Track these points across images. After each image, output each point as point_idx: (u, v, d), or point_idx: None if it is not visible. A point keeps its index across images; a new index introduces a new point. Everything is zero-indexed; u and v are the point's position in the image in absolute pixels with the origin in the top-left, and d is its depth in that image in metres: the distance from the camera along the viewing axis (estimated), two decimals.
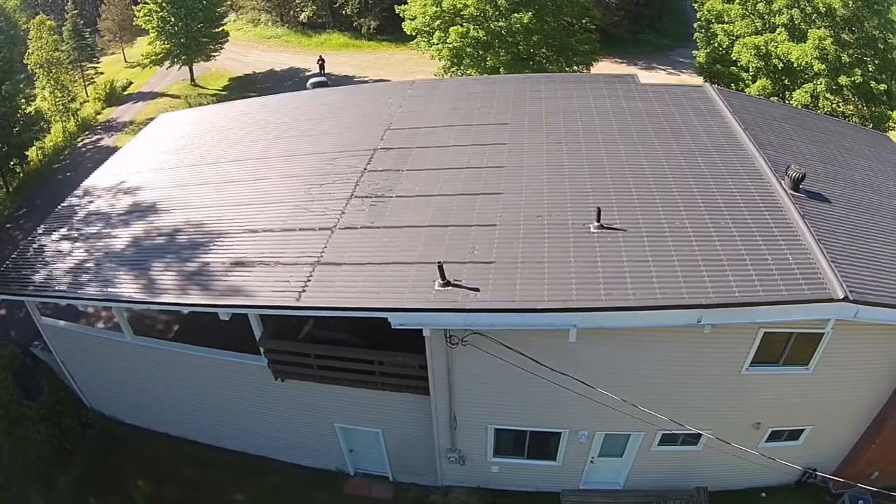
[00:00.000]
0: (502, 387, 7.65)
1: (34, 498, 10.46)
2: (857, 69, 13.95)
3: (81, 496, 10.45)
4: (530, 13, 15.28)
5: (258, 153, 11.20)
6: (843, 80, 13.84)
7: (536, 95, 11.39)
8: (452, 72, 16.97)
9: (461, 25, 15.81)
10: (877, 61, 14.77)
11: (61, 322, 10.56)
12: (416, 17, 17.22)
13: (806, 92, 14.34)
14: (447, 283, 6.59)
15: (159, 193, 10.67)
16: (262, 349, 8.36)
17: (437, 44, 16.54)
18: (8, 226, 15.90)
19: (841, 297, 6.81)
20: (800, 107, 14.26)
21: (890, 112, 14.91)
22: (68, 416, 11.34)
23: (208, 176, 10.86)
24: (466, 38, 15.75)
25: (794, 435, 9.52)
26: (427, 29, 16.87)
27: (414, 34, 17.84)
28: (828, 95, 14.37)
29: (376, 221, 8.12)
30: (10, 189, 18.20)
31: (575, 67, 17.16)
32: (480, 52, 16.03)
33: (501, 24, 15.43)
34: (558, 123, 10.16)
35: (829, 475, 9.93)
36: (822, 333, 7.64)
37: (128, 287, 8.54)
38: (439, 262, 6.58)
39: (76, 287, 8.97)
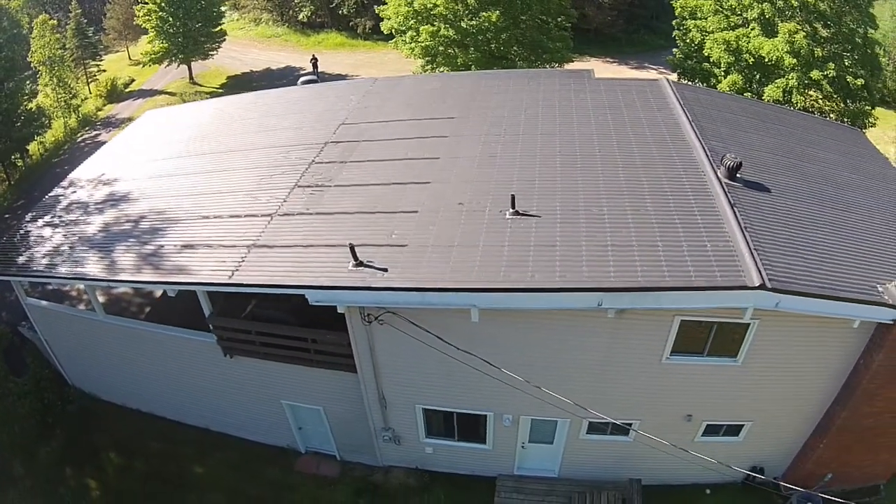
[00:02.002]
0: (422, 367, 8.40)
1: (17, 468, 11.63)
2: (830, 63, 14.13)
3: (60, 467, 11.62)
4: (498, 11, 15.96)
5: (224, 146, 12.26)
6: (815, 74, 14.06)
7: (489, 90, 12.13)
8: (429, 70, 17.81)
9: (432, 24, 16.63)
10: (855, 56, 14.92)
11: (44, 302, 11.77)
12: (390, 17, 18.12)
13: (778, 87, 14.60)
14: (359, 264, 7.42)
15: (132, 184, 11.82)
16: (211, 326, 9.31)
17: (410, 43, 17.40)
18: (7, 216, 17.42)
19: (757, 284, 6.89)
20: (771, 102, 14.54)
21: (867, 107, 15.01)
22: (51, 392, 12.54)
23: (176, 168, 11.97)
24: (438, 37, 16.55)
25: (734, 430, 9.65)
26: (403, 28, 17.75)
27: (391, 33, 18.73)
28: (802, 90, 14.59)
29: (311, 208, 9.03)
30: (12, 182, 19.77)
31: (547, 65, 17.74)
32: (452, 51, 16.80)
33: (473, 22, 16.15)
34: (502, 116, 10.89)
35: (780, 475, 10.09)
36: (748, 324, 7.75)
37: (93, 267, 9.66)
38: (350, 244, 7.41)
39: (51, 267, 10.16)
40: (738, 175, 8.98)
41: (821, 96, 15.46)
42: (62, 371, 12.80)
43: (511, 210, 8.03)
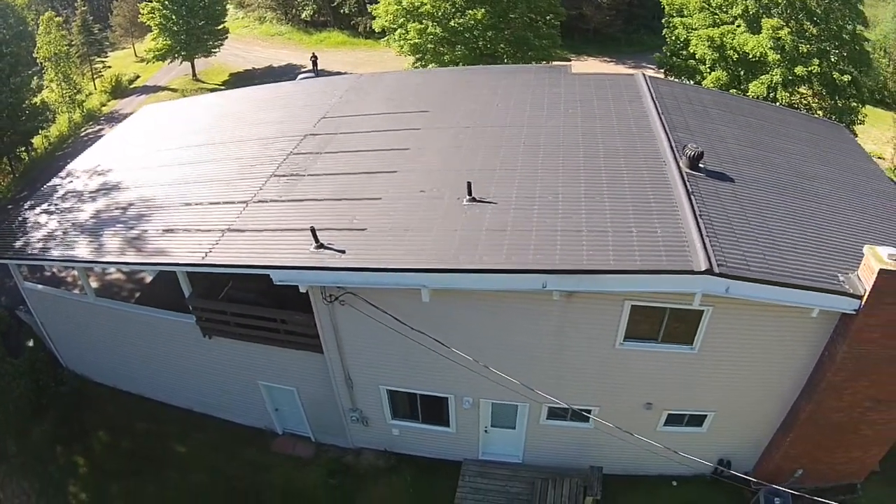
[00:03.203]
0: (382, 348, 9.03)
1: (10, 446, 12.50)
2: (815, 59, 14.46)
3: (51, 446, 12.47)
4: (483, 9, 16.64)
5: (212, 139, 13.11)
6: (799, 69, 14.40)
7: (467, 85, 12.80)
8: (419, 66, 18.56)
9: (420, 22, 17.38)
10: (844, 53, 15.20)
11: (40, 286, 12.68)
12: (381, 16, 18.93)
13: (762, 83, 14.96)
14: (320, 246, 8.11)
15: (124, 175, 12.72)
16: (190, 307, 10.08)
17: (400, 40, 18.18)
18: (10, 207, 18.49)
19: (703, 268, 7.11)
20: (755, 98, 14.90)
21: (853, 104, 15.25)
22: (45, 373, 13.43)
23: (166, 159, 12.84)
24: (426, 35, 17.28)
25: (697, 421, 9.79)
26: (393, 26, 18.55)
27: (382, 31, 19.52)
28: (789, 87, 14.92)
29: (284, 196, 9.76)
30: (17, 175, 20.97)
31: (533, 62, 18.31)
32: (440, 48, 17.52)
33: (460, 21, 16.85)
34: (475, 110, 11.53)
35: (750, 470, 10.07)
36: (702, 311, 7.96)
37: (82, 250, 10.51)
38: (312, 228, 8.10)
39: (45, 251, 11.05)
40: (700, 165, 9.29)
41: (810, 93, 15.76)
42: (56, 354, 13.72)
43: (468, 197, 8.64)
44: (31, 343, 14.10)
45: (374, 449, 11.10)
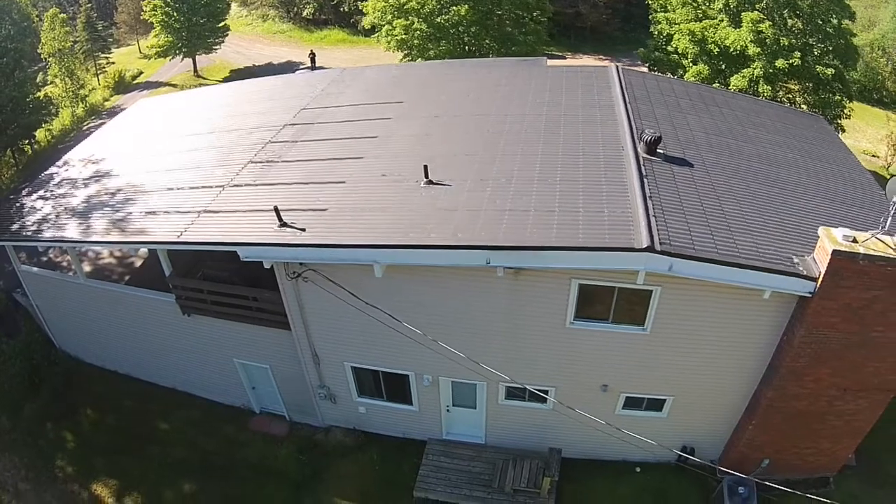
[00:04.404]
0: (344, 324, 9.72)
1: (3, 421, 13.43)
2: (796, 52, 14.88)
3: (42, 422, 13.39)
4: (467, 6, 17.43)
5: (198, 130, 14.01)
6: (780, 63, 14.83)
7: (444, 78, 13.57)
8: (407, 62, 19.37)
9: (406, 18, 18.23)
10: (829, 47, 15.59)
11: (35, 269, 13.67)
12: (370, 13, 19.85)
13: (744, 77, 15.43)
14: (283, 224, 8.89)
15: (115, 163, 13.70)
16: (170, 285, 10.92)
17: (387, 36, 19.06)
18: (11, 197, 19.64)
19: (644, 245, 7.42)
20: (736, 91, 15.34)
21: (838, 97, 15.58)
22: (39, 354, 14.36)
23: (155, 148, 13.79)
24: (412, 31, 18.12)
25: (656, 405, 10.08)
26: (381, 23, 19.44)
27: (371, 28, 20.42)
28: (772, 80, 15.35)
29: (257, 181, 10.60)
30: (20, 167, 22.21)
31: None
32: (426, 44, 18.33)
33: (445, 17, 17.65)
34: (446, 100, 12.28)
35: (716, 459, 10.26)
36: (650, 291, 8.26)
37: (72, 231, 11.41)
38: (275, 207, 8.89)
39: (38, 233, 11.98)
40: (658, 150, 9.65)
41: (797, 87, 16.15)
42: (51, 335, 14.70)
43: (425, 180, 9.35)
44: (25, 324, 15.10)
45: (343, 427, 11.83)
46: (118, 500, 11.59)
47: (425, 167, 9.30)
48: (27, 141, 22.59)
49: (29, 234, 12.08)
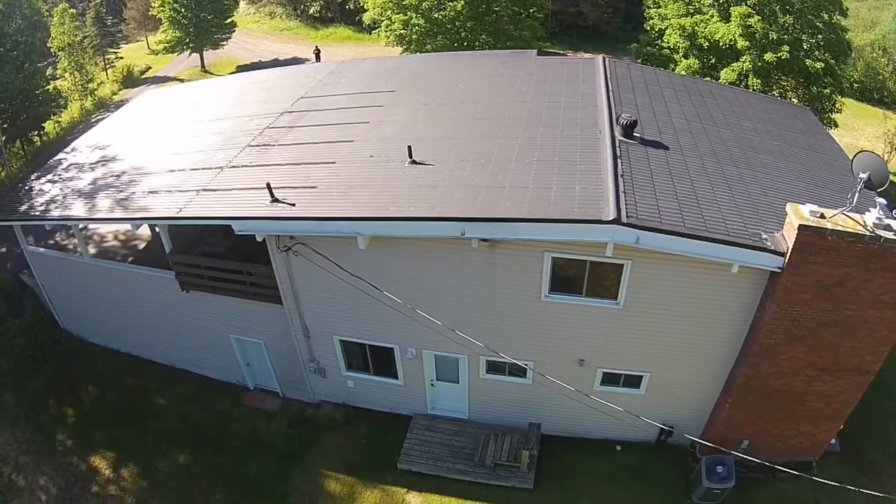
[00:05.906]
0: (333, 297, 10.47)
1: (7, 398, 14.31)
2: (784, 46, 15.48)
3: (44, 398, 14.25)
4: (463, 2, 18.30)
5: (201, 118, 14.94)
6: (768, 56, 15.44)
7: (436, 69, 14.40)
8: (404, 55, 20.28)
9: (404, 14, 19.17)
10: (821, 42, 16.15)
11: (42, 249, 14.61)
12: (370, 9, 20.84)
13: (733, 70, 16.07)
14: (275, 200, 9.70)
15: (120, 148, 14.67)
16: (170, 262, 11.77)
17: (386, 31, 20.02)
18: (19, 185, 20.73)
19: (611, 217, 7.86)
20: (726, 84, 15.95)
21: (825, 90, 16.12)
22: (44, 333, 15.27)
23: (158, 135, 14.76)
24: (410, 26, 19.04)
25: (634, 382, 10.49)
26: (381, 18, 20.42)
27: (372, 24, 21.40)
28: (762, 74, 15.95)
29: (254, 162, 11.44)
30: (29, 158, 23.39)
31: None
32: (424, 39, 19.24)
33: (442, 13, 18.56)
34: (437, 90, 13.10)
35: (696, 438, 10.25)
36: (622, 265, 8.70)
37: (77, 210, 12.31)
38: (268, 183, 9.71)
39: (45, 213, 12.91)
40: (634, 133, 10.17)
41: (792, 83, 16.72)
42: (55, 315, 15.62)
43: (409, 160, 10.12)
44: (31, 304, 16.04)
45: (332, 402, 12.57)
46: (114, 471, 12.37)
47: (409, 148, 10.07)
48: (36, 132, 23.78)
49: (37, 213, 13.02)
